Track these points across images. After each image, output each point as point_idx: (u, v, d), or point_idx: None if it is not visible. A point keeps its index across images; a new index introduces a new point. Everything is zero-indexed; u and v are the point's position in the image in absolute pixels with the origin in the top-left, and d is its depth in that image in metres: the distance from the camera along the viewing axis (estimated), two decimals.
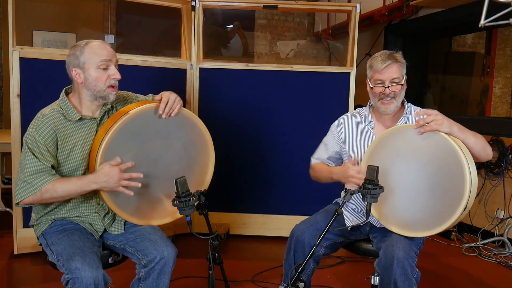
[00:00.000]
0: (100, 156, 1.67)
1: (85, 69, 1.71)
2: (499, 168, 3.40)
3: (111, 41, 5.26)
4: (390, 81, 1.89)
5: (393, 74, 1.89)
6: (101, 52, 1.72)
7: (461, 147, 1.65)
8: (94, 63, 1.71)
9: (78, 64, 1.72)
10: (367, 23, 4.77)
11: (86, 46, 1.72)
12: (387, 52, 1.93)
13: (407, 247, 1.72)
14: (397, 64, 1.90)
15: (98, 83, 1.72)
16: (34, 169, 1.62)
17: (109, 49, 1.76)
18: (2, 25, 4.95)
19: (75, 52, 1.73)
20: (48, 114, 1.70)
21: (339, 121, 2.14)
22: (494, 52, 5.87)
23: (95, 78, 1.72)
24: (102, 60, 1.72)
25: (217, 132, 2.20)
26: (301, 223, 2.00)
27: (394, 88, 1.90)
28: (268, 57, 6.10)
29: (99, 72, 1.72)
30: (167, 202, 1.87)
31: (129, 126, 1.72)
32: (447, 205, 1.66)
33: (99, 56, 1.71)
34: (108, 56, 1.73)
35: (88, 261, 1.54)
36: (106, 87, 1.74)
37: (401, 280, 1.67)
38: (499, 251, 3.27)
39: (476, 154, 1.74)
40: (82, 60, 1.71)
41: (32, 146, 1.64)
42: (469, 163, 1.62)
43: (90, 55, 1.71)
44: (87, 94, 1.75)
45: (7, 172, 4.23)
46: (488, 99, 5.81)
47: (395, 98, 1.91)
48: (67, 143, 1.72)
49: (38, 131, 1.66)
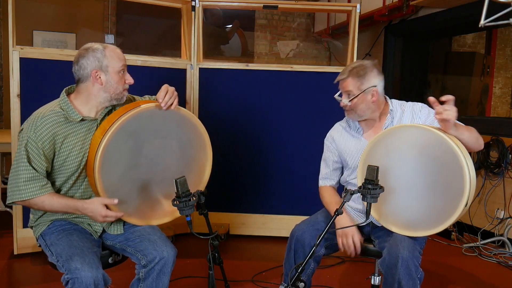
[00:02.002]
0: (99, 157, 1.66)
1: (108, 72, 1.76)
2: (499, 168, 3.40)
3: (111, 41, 5.26)
4: (345, 94, 1.95)
5: (345, 87, 1.94)
6: (120, 57, 1.80)
7: (457, 143, 1.65)
8: (116, 67, 1.77)
9: (100, 67, 1.75)
10: (367, 23, 4.77)
11: (106, 50, 1.76)
12: (352, 63, 1.97)
13: (412, 246, 1.72)
14: (352, 77, 1.92)
15: (119, 86, 1.79)
16: (27, 177, 1.64)
17: (122, 56, 1.82)
18: (2, 25, 4.95)
19: (96, 54, 1.74)
20: (48, 116, 1.69)
21: (329, 135, 2.16)
22: (494, 52, 5.88)
23: (117, 81, 1.78)
24: (123, 65, 1.80)
25: (217, 132, 2.20)
26: (301, 223, 2.00)
27: (346, 102, 1.94)
28: (268, 57, 6.10)
29: (119, 76, 1.78)
30: (165, 202, 1.87)
31: (127, 126, 1.72)
32: (448, 203, 1.66)
33: (120, 61, 1.79)
34: (125, 61, 1.82)
35: (87, 261, 1.54)
36: (123, 89, 1.81)
37: (405, 280, 1.67)
38: (499, 251, 3.27)
39: (470, 146, 1.75)
40: (105, 63, 1.75)
41: (30, 149, 1.64)
42: (467, 159, 1.63)
43: (113, 59, 1.76)
44: (102, 96, 1.77)
45: (7, 172, 4.22)
46: (488, 99, 5.82)
47: (353, 110, 1.95)
48: (66, 144, 1.71)
49: (36, 133, 1.65)
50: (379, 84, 1.94)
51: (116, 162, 1.72)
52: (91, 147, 1.73)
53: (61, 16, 5.18)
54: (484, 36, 5.94)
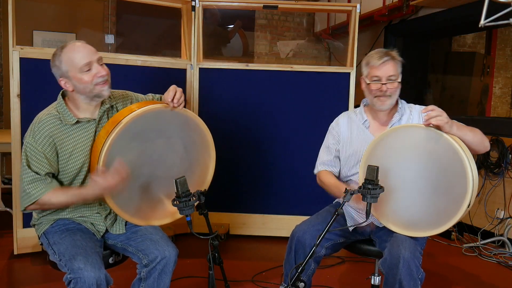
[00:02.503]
0: (103, 157, 1.67)
1: (70, 77, 1.69)
2: (499, 168, 3.40)
3: (111, 41, 5.26)
4: (386, 78, 1.90)
5: (389, 71, 1.90)
6: (78, 56, 1.67)
7: (460, 144, 1.65)
8: (76, 69, 1.67)
9: (62, 74, 1.69)
10: (367, 23, 4.77)
11: (62, 53, 1.68)
12: (383, 49, 1.94)
13: (413, 247, 1.72)
14: (394, 61, 1.90)
15: (87, 85, 1.69)
16: (30, 179, 1.64)
17: (85, 49, 1.70)
18: (2, 25, 4.94)
19: (55, 62, 1.70)
20: (44, 120, 1.69)
21: (335, 121, 2.15)
22: (494, 52, 5.88)
23: (82, 81, 1.68)
24: (84, 64, 1.67)
25: (217, 132, 2.20)
26: (302, 223, 2.00)
27: (391, 86, 1.90)
28: (268, 57, 6.10)
29: (83, 75, 1.68)
30: (167, 202, 1.87)
31: (132, 127, 1.72)
32: (450, 203, 1.66)
33: (78, 61, 1.67)
34: (86, 58, 1.68)
35: (90, 261, 1.55)
36: (93, 85, 1.70)
37: (406, 280, 1.67)
38: (499, 251, 3.27)
39: (475, 147, 1.75)
40: (64, 69, 1.68)
41: (30, 154, 1.65)
42: (469, 160, 1.62)
43: (69, 62, 1.67)
44: (81, 98, 1.75)
45: (7, 172, 4.22)
46: (488, 99, 5.82)
47: (390, 96, 1.92)
48: (66, 147, 1.72)
49: (35, 138, 1.66)
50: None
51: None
52: (95, 148, 1.73)
53: (61, 16, 5.18)
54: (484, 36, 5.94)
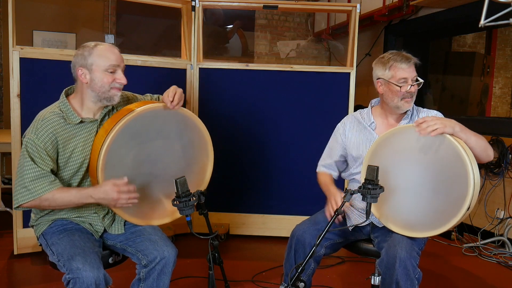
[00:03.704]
0: (102, 157, 1.66)
1: (92, 70, 1.71)
2: (499, 168, 3.40)
3: (111, 41, 5.26)
4: (412, 79, 1.94)
5: (414, 73, 1.95)
6: (110, 56, 1.72)
7: (463, 146, 1.65)
8: (102, 66, 1.71)
9: (85, 65, 1.71)
10: (367, 23, 4.77)
11: (95, 48, 1.72)
12: (398, 51, 1.97)
13: (409, 247, 1.72)
14: (415, 63, 1.96)
15: (104, 84, 1.72)
16: (34, 175, 1.61)
17: (117, 54, 1.76)
18: (2, 25, 4.95)
19: (83, 52, 1.72)
20: (48, 117, 1.69)
21: (341, 124, 2.15)
22: (494, 52, 5.87)
23: (101, 80, 1.71)
24: (111, 65, 1.72)
25: (217, 132, 2.20)
26: (302, 223, 2.00)
27: (417, 87, 1.95)
28: (268, 57, 6.10)
29: (106, 74, 1.72)
30: (167, 202, 1.87)
31: (131, 126, 1.72)
32: (450, 205, 1.66)
33: (108, 60, 1.71)
34: (116, 61, 1.74)
35: (89, 261, 1.54)
36: (110, 88, 1.74)
37: (403, 280, 1.67)
38: (499, 251, 3.27)
39: (477, 154, 1.74)
40: (90, 61, 1.70)
41: (32, 150, 1.63)
42: (472, 163, 1.62)
43: (99, 58, 1.71)
44: (91, 95, 1.75)
45: (7, 172, 4.23)
46: (488, 99, 5.81)
47: (413, 96, 1.96)
48: (68, 146, 1.71)
49: (37, 134, 1.65)
50: None
51: (118, 163, 1.72)
52: (94, 148, 1.73)
53: (61, 16, 5.18)
54: (484, 36, 5.94)
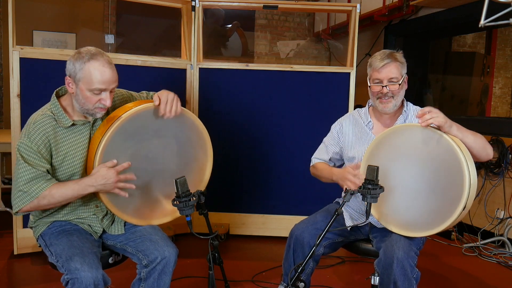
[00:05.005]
0: (99, 157, 1.66)
1: (79, 86, 1.64)
2: (499, 168, 3.40)
3: (111, 41, 5.26)
4: (388, 80, 1.89)
5: (390, 74, 1.89)
6: (100, 78, 1.62)
7: (459, 145, 1.65)
8: (88, 86, 1.63)
9: (73, 76, 1.64)
10: (367, 23, 4.77)
11: (88, 63, 1.62)
12: (387, 51, 1.93)
13: (407, 247, 1.72)
14: (396, 63, 1.89)
15: (87, 103, 1.66)
16: (29, 177, 1.60)
17: (109, 75, 1.65)
18: (2, 25, 4.95)
19: (75, 63, 1.64)
20: (39, 121, 1.67)
21: (338, 122, 2.14)
22: (494, 52, 5.87)
23: (85, 97, 1.65)
24: (97, 88, 1.63)
25: (217, 132, 2.20)
26: (300, 222, 2.00)
27: (392, 88, 1.89)
28: (268, 57, 6.11)
29: (90, 93, 1.64)
30: (166, 202, 1.87)
31: (127, 126, 1.71)
32: (446, 205, 1.66)
33: (95, 83, 1.62)
34: (104, 84, 1.64)
35: (87, 262, 1.54)
36: (93, 107, 1.68)
37: (401, 280, 1.67)
38: (499, 251, 3.27)
39: (476, 153, 1.74)
40: (79, 76, 1.63)
41: (25, 153, 1.62)
42: (468, 162, 1.61)
43: (88, 76, 1.62)
44: (75, 104, 1.71)
45: (7, 172, 4.22)
46: (488, 99, 5.82)
47: (393, 97, 1.91)
48: (60, 148, 1.70)
49: (30, 138, 1.63)
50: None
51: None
52: (91, 148, 1.72)
53: (61, 16, 5.18)
54: (484, 36, 5.94)
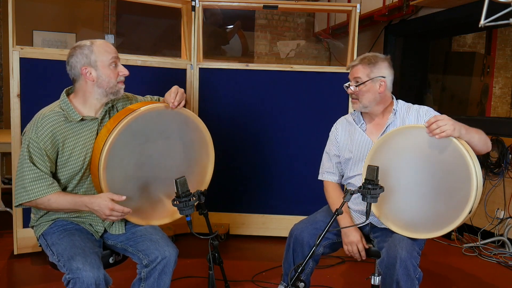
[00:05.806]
0: (105, 155, 1.67)
1: (98, 67, 1.74)
2: (499, 168, 3.40)
3: (111, 41, 5.26)
4: (354, 81, 1.93)
5: (354, 74, 1.93)
6: (109, 50, 1.77)
7: (468, 150, 1.63)
8: (106, 61, 1.75)
9: (89, 63, 1.74)
10: (367, 23, 4.77)
11: (94, 45, 1.75)
12: (368, 53, 1.97)
13: (410, 247, 1.72)
14: (362, 64, 1.92)
15: (111, 79, 1.76)
16: (33, 177, 1.64)
17: (113, 47, 1.81)
18: (2, 25, 4.95)
19: (83, 51, 1.74)
20: (48, 116, 1.70)
21: (334, 127, 2.16)
22: (494, 52, 5.88)
23: (108, 75, 1.75)
24: (112, 58, 1.77)
25: (217, 132, 2.20)
26: (300, 222, 2.00)
27: (354, 89, 1.92)
28: (268, 57, 6.10)
29: (111, 69, 1.76)
30: (167, 202, 1.87)
31: (133, 126, 1.73)
32: (451, 208, 1.65)
33: (109, 54, 1.76)
34: (115, 53, 1.79)
35: (89, 261, 1.55)
36: (117, 82, 1.79)
37: (404, 280, 1.67)
38: (499, 251, 3.27)
39: (479, 149, 1.74)
40: (93, 58, 1.73)
41: (33, 150, 1.65)
42: (476, 166, 1.61)
43: (101, 54, 1.74)
44: (97, 92, 1.77)
45: (7, 172, 4.22)
46: (488, 99, 5.82)
47: (359, 98, 1.94)
48: (68, 144, 1.72)
49: (37, 133, 1.66)
50: (388, 76, 1.94)
51: (120, 162, 1.73)
52: (96, 146, 1.73)
53: (61, 16, 5.19)
54: (484, 36, 5.94)
